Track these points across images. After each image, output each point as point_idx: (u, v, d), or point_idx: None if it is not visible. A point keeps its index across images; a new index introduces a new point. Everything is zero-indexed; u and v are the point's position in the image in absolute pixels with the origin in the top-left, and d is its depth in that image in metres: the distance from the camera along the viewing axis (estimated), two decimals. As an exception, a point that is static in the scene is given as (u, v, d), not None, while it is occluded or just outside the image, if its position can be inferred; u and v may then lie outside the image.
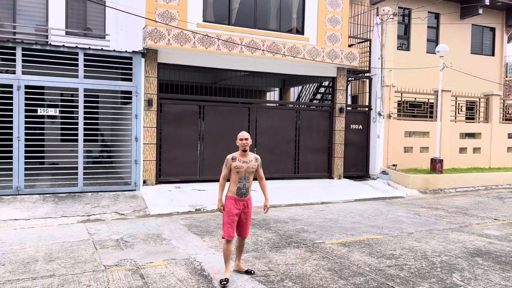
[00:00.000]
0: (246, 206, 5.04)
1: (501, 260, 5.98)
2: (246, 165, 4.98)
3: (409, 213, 9.43)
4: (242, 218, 5.05)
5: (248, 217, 5.10)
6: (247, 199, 5.05)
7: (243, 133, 5.06)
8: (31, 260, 5.59)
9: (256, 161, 5.09)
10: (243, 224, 5.09)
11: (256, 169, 5.12)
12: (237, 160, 4.98)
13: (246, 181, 4.99)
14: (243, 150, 5.00)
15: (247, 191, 5.03)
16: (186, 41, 10.46)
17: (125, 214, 8.52)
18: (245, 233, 5.15)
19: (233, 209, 4.95)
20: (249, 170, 5.00)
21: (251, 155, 5.08)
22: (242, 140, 5.01)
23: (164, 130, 11.12)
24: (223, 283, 4.80)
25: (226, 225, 4.95)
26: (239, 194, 4.98)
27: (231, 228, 4.95)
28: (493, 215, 9.40)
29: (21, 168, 9.08)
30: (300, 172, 12.90)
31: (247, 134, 5.08)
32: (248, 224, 5.15)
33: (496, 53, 18.21)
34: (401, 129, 14.17)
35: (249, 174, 5.01)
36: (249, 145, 5.04)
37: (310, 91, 15.30)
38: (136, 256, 5.87)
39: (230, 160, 5.00)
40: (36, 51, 9.29)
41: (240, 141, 5.02)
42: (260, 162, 5.18)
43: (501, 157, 16.12)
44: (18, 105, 9.04)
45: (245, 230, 5.13)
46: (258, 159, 5.15)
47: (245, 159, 5.01)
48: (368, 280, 5.11)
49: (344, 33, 12.82)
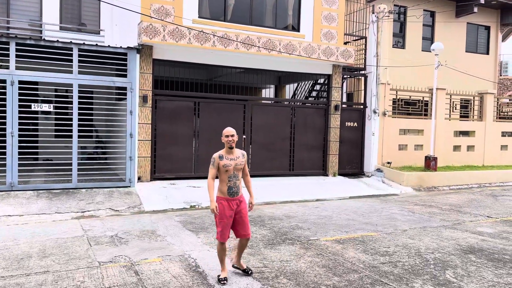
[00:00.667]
0: (238, 205, 4.83)
1: (493, 257, 6.03)
2: (234, 162, 4.78)
3: (403, 210, 9.48)
4: (237, 218, 4.82)
5: (244, 215, 4.87)
6: (239, 198, 4.84)
7: (228, 129, 4.82)
8: (25, 256, 5.57)
9: (243, 157, 4.89)
10: (242, 224, 4.85)
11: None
12: (224, 158, 4.76)
13: (236, 179, 4.79)
14: (229, 147, 4.77)
15: (238, 189, 4.82)
16: (181, 37, 10.41)
17: (120, 211, 8.50)
18: (246, 233, 4.89)
19: (227, 211, 4.74)
20: (238, 167, 4.80)
21: (237, 151, 4.87)
22: (228, 136, 4.77)
23: (159, 126, 11.08)
24: (223, 282, 4.72)
25: (219, 227, 4.76)
26: (230, 194, 4.77)
27: (226, 230, 4.77)
28: (486, 212, 9.47)
29: (15, 164, 9.02)
30: (295, 169, 12.92)
31: (232, 130, 4.84)
32: (247, 223, 4.90)
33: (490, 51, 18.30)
34: (395, 127, 14.22)
35: (237, 172, 4.81)
36: (235, 141, 4.81)
37: (306, 88, 15.31)
38: (130, 252, 5.86)
39: (217, 159, 4.76)
40: (30, 46, 9.22)
41: (225, 138, 4.77)
42: (246, 158, 4.97)
43: (495, 155, 16.24)
44: (12, 101, 8.97)
45: (245, 229, 4.88)
46: (245, 154, 4.96)
47: (232, 156, 4.80)
48: (362, 277, 5.13)
49: (340, 31, 12.82)
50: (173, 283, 4.79)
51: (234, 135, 4.79)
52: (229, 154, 4.80)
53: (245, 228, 4.88)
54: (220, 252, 4.84)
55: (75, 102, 9.51)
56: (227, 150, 4.79)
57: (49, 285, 4.63)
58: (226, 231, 4.78)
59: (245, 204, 4.91)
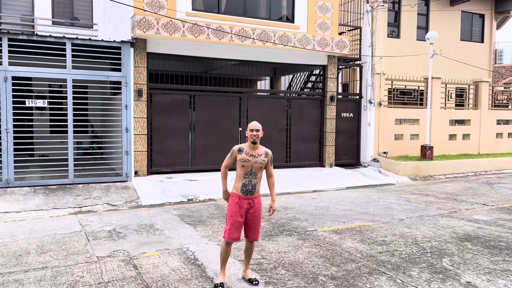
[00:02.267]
0: (251, 206, 4.45)
1: (489, 245, 6.09)
2: (254, 159, 4.42)
3: (399, 200, 9.53)
4: (248, 219, 4.48)
5: (255, 218, 4.50)
6: (253, 198, 4.45)
7: (253, 123, 4.48)
8: (23, 253, 5.57)
9: (266, 156, 4.50)
10: (250, 226, 4.52)
11: (266, 165, 4.55)
12: (244, 153, 4.43)
13: (252, 177, 4.43)
14: (252, 142, 4.42)
15: (254, 188, 4.43)
16: (175, 30, 10.35)
17: (117, 205, 8.50)
18: (252, 235, 4.56)
19: (237, 207, 4.42)
20: (257, 165, 4.43)
21: (261, 148, 4.51)
22: (252, 131, 4.42)
23: (155, 120, 11.05)
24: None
25: (228, 224, 4.44)
26: (243, 192, 4.42)
27: (233, 229, 4.40)
28: (482, 200, 9.54)
29: (11, 161, 8.99)
30: (292, 161, 12.94)
31: (258, 124, 4.48)
32: (257, 226, 4.56)
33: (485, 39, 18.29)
34: (391, 117, 14.24)
35: (256, 170, 4.44)
36: (260, 137, 4.46)
37: (301, 79, 15.28)
38: (129, 247, 5.88)
39: (236, 151, 4.46)
40: (23, 41, 9.13)
41: (249, 132, 4.42)
42: (271, 158, 4.59)
43: (490, 143, 16.32)
44: (6, 97, 8.91)
45: (252, 232, 4.55)
46: (269, 154, 4.55)
47: (253, 152, 4.45)
48: (360, 266, 5.17)
49: (335, 21, 12.77)
50: (172, 276, 4.81)
51: (260, 130, 4.46)
52: (251, 149, 4.46)
53: (254, 231, 4.56)
54: (223, 253, 4.49)
55: (69, 97, 9.46)
56: (250, 145, 4.45)
57: (48, 280, 4.64)
58: (235, 232, 4.41)
59: (259, 206, 4.54)
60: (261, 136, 4.49)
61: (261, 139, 4.54)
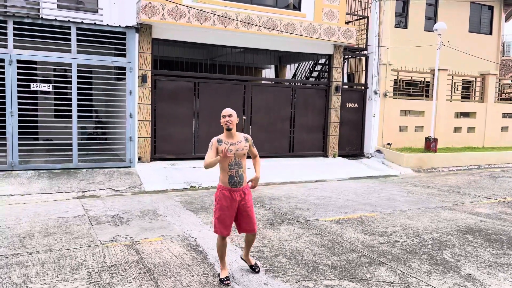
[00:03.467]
0: (243, 197, 4.29)
1: (491, 238, 6.09)
2: (235, 147, 4.23)
3: (402, 191, 9.53)
4: (241, 211, 4.32)
5: (249, 209, 4.34)
6: (243, 189, 4.30)
7: (225, 109, 4.28)
8: (27, 235, 5.63)
9: (246, 141, 4.36)
10: (246, 217, 4.34)
11: (249, 149, 4.42)
12: (223, 143, 4.22)
13: (238, 167, 4.25)
14: (227, 129, 4.22)
15: (241, 178, 4.27)
16: (180, 16, 10.27)
17: (120, 191, 8.55)
18: (252, 228, 4.39)
19: (228, 202, 4.25)
20: (240, 153, 4.26)
21: (239, 135, 4.34)
22: (224, 117, 4.22)
23: (159, 107, 11.04)
24: (226, 282, 4.24)
25: (216, 219, 4.29)
26: (232, 184, 4.24)
27: (225, 223, 4.26)
28: (485, 193, 9.53)
29: (15, 144, 9.03)
30: (295, 150, 12.93)
31: (230, 110, 4.29)
32: (252, 217, 4.37)
33: (493, 32, 18.05)
34: (396, 108, 14.17)
35: (240, 158, 4.26)
36: (235, 123, 4.26)
37: (306, 68, 15.19)
38: (131, 232, 5.92)
39: (215, 143, 4.23)
40: (28, 24, 9.10)
41: (222, 119, 4.23)
42: (252, 142, 4.46)
43: (495, 136, 16.23)
44: (11, 80, 8.92)
45: (250, 224, 4.37)
46: (249, 138, 4.43)
47: (232, 140, 4.26)
48: (361, 256, 5.19)
49: (342, 10, 12.64)
50: (174, 261, 4.85)
51: (232, 115, 4.25)
52: (229, 138, 4.27)
53: (250, 223, 4.37)
54: (219, 247, 4.35)
55: (74, 82, 9.45)
56: (227, 134, 4.27)
57: (51, 263, 4.70)
58: (226, 225, 4.28)
59: (250, 196, 4.41)
60: (235, 122, 4.28)
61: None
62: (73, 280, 4.27)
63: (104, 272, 4.49)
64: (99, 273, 4.46)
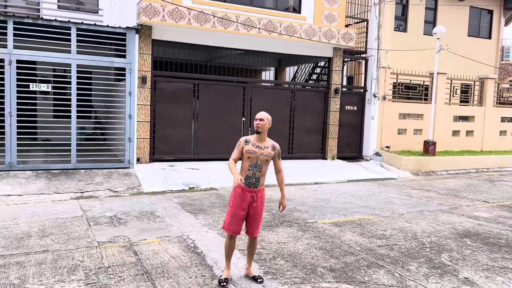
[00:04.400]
0: (254, 200, 4.32)
1: (489, 242, 6.09)
2: (260, 151, 4.28)
3: (401, 194, 9.54)
4: (250, 213, 4.34)
5: (257, 213, 4.36)
6: (256, 191, 4.33)
7: (260, 113, 4.38)
8: (25, 236, 5.62)
9: (273, 150, 4.37)
10: (251, 220, 4.38)
11: (273, 158, 4.41)
12: (250, 144, 4.30)
13: (257, 170, 4.29)
14: (256, 132, 4.31)
15: (257, 181, 4.31)
16: (181, 17, 10.29)
17: (119, 192, 8.54)
18: (252, 231, 4.41)
19: (239, 200, 4.30)
20: (263, 158, 4.29)
21: (268, 141, 4.39)
22: (256, 120, 4.31)
23: (158, 108, 11.04)
24: (223, 284, 4.26)
25: (228, 216, 4.35)
26: (247, 184, 4.29)
27: (234, 221, 4.31)
28: (483, 197, 9.54)
29: (14, 144, 9.02)
30: (294, 153, 12.94)
31: (264, 114, 4.35)
32: (258, 222, 4.41)
33: (493, 36, 18.11)
34: (395, 111, 14.19)
35: (262, 163, 4.30)
36: (264, 127, 4.31)
37: (306, 71, 15.20)
38: (129, 233, 5.91)
39: (243, 142, 4.32)
40: (28, 25, 9.10)
41: (254, 122, 4.34)
42: (279, 152, 4.45)
43: (493, 140, 16.26)
44: (10, 80, 8.91)
45: (252, 227, 4.40)
46: (277, 147, 4.42)
47: (260, 144, 4.31)
48: (359, 259, 5.19)
49: (341, 13, 12.67)
50: (172, 263, 4.84)
51: (264, 120, 4.31)
52: (258, 141, 4.33)
53: (254, 226, 4.41)
54: (227, 247, 4.41)
55: (73, 82, 9.45)
56: (257, 136, 4.33)
57: (48, 264, 4.68)
58: (237, 224, 4.32)
59: (262, 201, 4.42)
60: (268, 126, 4.35)
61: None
62: (70, 281, 4.26)
63: (101, 273, 4.48)
64: (96, 274, 4.45)
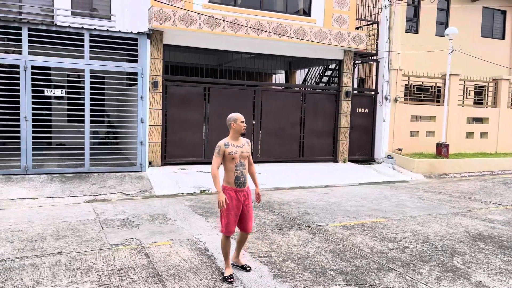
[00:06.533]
0: (246, 198, 4.58)
1: (502, 245, 6.01)
2: (240, 149, 4.55)
3: (413, 197, 9.46)
4: (244, 211, 4.59)
5: (250, 209, 4.65)
6: (246, 189, 4.60)
7: (241, 115, 4.64)
8: (39, 238, 5.72)
9: (248, 145, 4.68)
10: (246, 217, 4.62)
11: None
12: (230, 146, 4.52)
13: (242, 167, 4.55)
14: (242, 134, 4.61)
15: (245, 179, 4.58)
16: (191, 22, 10.39)
17: (131, 195, 8.63)
18: (248, 227, 4.67)
19: (235, 202, 4.51)
20: (244, 155, 4.57)
21: (242, 139, 4.67)
22: (243, 122, 4.60)
23: (170, 112, 11.15)
24: (230, 280, 4.46)
25: (225, 219, 4.51)
26: (238, 184, 4.51)
27: (232, 223, 4.53)
28: (497, 200, 9.41)
29: (29, 148, 9.19)
30: (305, 155, 12.92)
31: (242, 116, 4.70)
32: (251, 216, 4.69)
33: (506, 36, 17.87)
34: (407, 113, 14.08)
35: (244, 160, 4.58)
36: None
37: (316, 74, 15.19)
38: (141, 235, 5.98)
39: (223, 146, 4.51)
40: (42, 31, 9.29)
41: (241, 124, 4.57)
42: (251, 147, 4.78)
43: (508, 142, 16.01)
44: (25, 86, 9.10)
45: (248, 223, 4.66)
46: (249, 143, 4.74)
47: (238, 143, 4.58)
48: (370, 262, 5.17)
49: (352, 15, 12.64)
50: (183, 265, 4.89)
51: (244, 122, 4.70)
52: (235, 141, 4.59)
53: (248, 222, 4.66)
54: (225, 246, 4.61)
55: (86, 88, 9.60)
56: (234, 137, 4.58)
57: (62, 265, 4.77)
58: (233, 225, 4.54)
59: (251, 196, 4.69)
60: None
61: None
62: (84, 283, 4.33)
63: (113, 275, 4.54)
64: (109, 276, 4.52)
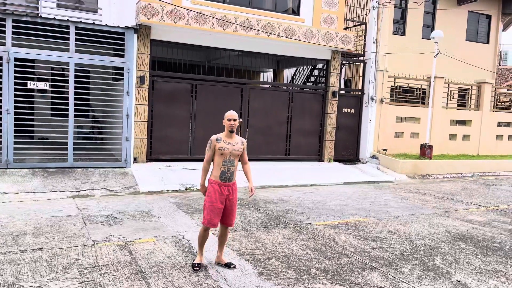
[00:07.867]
0: (230, 192, 4.67)
1: (482, 245, 6.13)
2: (232, 147, 4.61)
3: (396, 197, 9.57)
4: (227, 206, 4.68)
5: (233, 204, 4.73)
6: (231, 184, 4.68)
7: (231, 113, 4.64)
8: (20, 234, 5.62)
9: (242, 144, 4.72)
10: (228, 212, 4.71)
11: (241, 153, 4.75)
12: (222, 141, 4.61)
13: (230, 164, 4.62)
14: (230, 131, 4.63)
15: (232, 175, 4.65)
16: (180, 18, 10.31)
17: (115, 191, 8.54)
18: (230, 221, 4.77)
19: (217, 195, 4.60)
20: (234, 153, 4.63)
21: (237, 137, 4.73)
22: (230, 120, 4.61)
23: (156, 108, 11.06)
24: (196, 269, 4.64)
25: (207, 211, 4.62)
26: (222, 179, 4.61)
27: (213, 215, 4.61)
28: (478, 201, 9.58)
29: (10, 142, 9.01)
30: (291, 154, 12.96)
31: (235, 114, 4.67)
32: (234, 212, 4.77)
33: (490, 41, 18.19)
34: (392, 114, 14.24)
35: (234, 157, 4.64)
36: (237, 127, 4.69)
37: (304, 73, 15.24)
38: (125, 232, 5.92)
39: (214, 141, 4.62)
40: (27, 23, 9.11)
41: (228, 122, 4.62)
42: (246, 146, 4.81)
43: (490, 144, 16.33)
44: (8, 78, 8.91)
45: (230, 218, 4.75)
46: (244, 142, 4.79)
47: (231, 140, 4.64)
48: (353, 261, 5.22)
49: (340, 16, 12.71)
50: (166, 262, 4.85)
51: (236, 120, 4.64)
52: (228, 138, 4.65)
53: (231, 217, 4.76)
54: (202, 237, 4.73)
55: (71, 81, 9.46)
56: (227, 134, 4.65)
57: (43, 262, 4.69)
58: (215, 217, 4.62)
59: (236, 193, 4.77)
60: (237, 125, 4.70)
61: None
62: (65, 279, 4.27)
63: (96, 272, 4.49)
64: (91, 273, 4.46)
